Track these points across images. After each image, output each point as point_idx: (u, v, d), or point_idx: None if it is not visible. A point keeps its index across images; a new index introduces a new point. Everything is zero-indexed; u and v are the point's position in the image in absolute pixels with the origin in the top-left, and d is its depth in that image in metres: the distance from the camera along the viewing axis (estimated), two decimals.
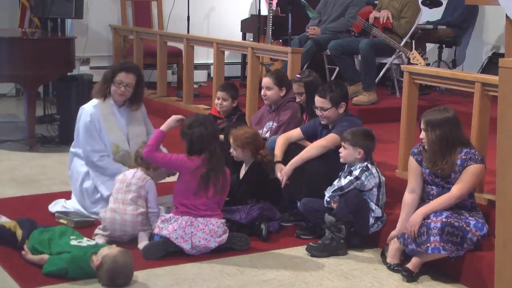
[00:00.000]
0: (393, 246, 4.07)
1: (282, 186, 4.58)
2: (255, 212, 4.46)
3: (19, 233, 4.05)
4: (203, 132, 4.17)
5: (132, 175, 4.35)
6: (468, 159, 3.91)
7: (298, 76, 5.07)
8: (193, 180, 4.15)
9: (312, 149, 4.61)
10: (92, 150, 4.65)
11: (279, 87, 5.20)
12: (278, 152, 4.72)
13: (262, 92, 5.27)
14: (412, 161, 4.11)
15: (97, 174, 4.65)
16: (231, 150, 4.65)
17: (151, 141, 4.29)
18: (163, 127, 4.35)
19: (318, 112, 4.67)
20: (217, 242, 4.14)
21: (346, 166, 4.42)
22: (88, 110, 4.72)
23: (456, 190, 3.90)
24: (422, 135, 4.00)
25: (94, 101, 4.77)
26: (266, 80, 5.24)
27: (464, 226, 3.82)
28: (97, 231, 4.26)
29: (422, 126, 3.99)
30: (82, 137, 4.69)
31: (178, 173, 4.32)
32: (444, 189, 3.98)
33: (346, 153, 4.37)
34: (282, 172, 4.58)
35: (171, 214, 4.19)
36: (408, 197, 4.10)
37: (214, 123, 4.39)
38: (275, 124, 5.18)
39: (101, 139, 4.67)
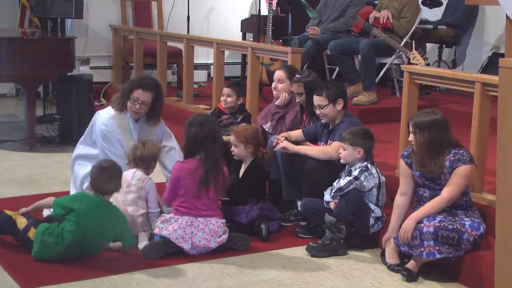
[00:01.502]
0: (389, 247, 4.07)
1: (277, 148, 4.67)
2: (255, 212, 4.45)
3: (22, 221, 4.06)
4: (197, 133, 4.18)
5: (132, 175, 4.35)
6: (457, 160, 3.90)
7: (298, 76, 5.07)
8: (193, 183, 4.15)
9: (315, 150, 4.61)
10: (112, 154, 4.59)
11: (291, 81, 5.20)
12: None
13: (273, 84, 5.29)
14: (402, 163, 4.12)
15: None
16: (232, 148, 4.66)
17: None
18: None
19: (317, 111, 4.68)
20: (217, 242, 4.14)
21: (346, 166, 4.42)
22: (104, 118, 4.66)
23: (446, 193, 3.90)
24: (411, 137, 4.01)
25: (110, 111, 4.70)
26: (279, 73, 5.27)
27: (459, 227, 3.81)
28: None
29: (411, 128, 4.00)
30: (100, 142, 4.64)
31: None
32: (436, 191, 3.98)
33: (346, 153, 4.37)
34: (285, 143, 4.64)
35: (171, 214, 4.19)
36: (399, 200, 4.11)
37: (212, 124, 4.35)
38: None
39: (121, 145, 4.64)
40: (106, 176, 4.03)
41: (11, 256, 4.00)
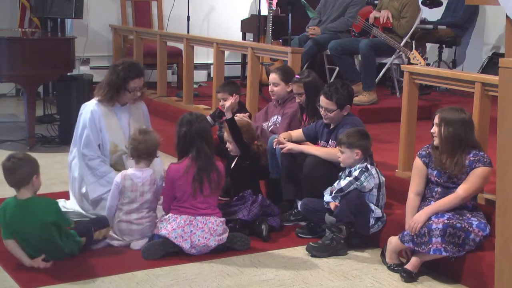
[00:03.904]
0: (389, 248, 4.06)
1: (283, 151, 4.68)
2: (256, 208, 4.46)
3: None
4: (187, 132, 4.19)
5: (141, 181, 4.22)
6: (477, 161, 3.91)
7: (298, 76, 5.08)
8: (187, 182, 4.16)
9: (320, 150, 4.61)
10: (88, 146, 4.59)
11: (286, 82, 5.24)
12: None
13: (270, 88, 5.32)
14: (419, 163, 4.08)
15: (86, 173, 4.61)
16: (227, 144, 4.69)
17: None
18: None
19: (321, 111, 4.66)
20: (217, 241, 4.14)
21: (347, 167, 4.42)
22: (90, 107, 4.68)
23: (462, 191, 3.90)
24: (434, 130, 3.99)
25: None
26: (273, 76, 5.30)
27: (467, 226, 3.81)
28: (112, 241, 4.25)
29: (436, 121, 3.97)
30: (79, 130, 4.66)
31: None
32: (449, 189, 3.97)
33: (344, 156, 4.36)
34: (290, 145, 4.65)
35: (170, 214, 4.19)
36: (414, 199, 4.07)
37: (202, 121, 4.29)
38: (279, 117, 5.21)
39: (99, 138, 4.65)
40: (12, 169, 3.92)
41: (11, 256, 3.99)
